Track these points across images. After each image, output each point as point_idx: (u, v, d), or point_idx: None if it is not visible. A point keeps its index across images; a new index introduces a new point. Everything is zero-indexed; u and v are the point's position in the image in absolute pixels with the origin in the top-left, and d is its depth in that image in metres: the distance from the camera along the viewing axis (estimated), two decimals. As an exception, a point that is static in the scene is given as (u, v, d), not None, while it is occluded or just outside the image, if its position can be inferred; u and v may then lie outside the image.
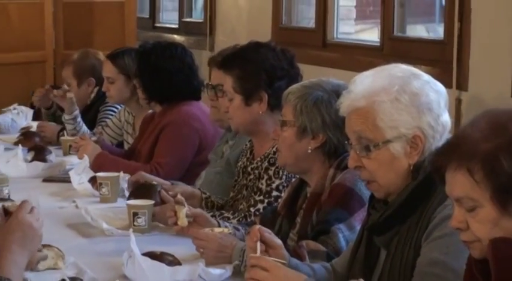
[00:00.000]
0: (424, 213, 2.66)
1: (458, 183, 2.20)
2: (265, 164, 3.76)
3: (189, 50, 5.15)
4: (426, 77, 2.77)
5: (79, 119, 5.58)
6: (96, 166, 4.53)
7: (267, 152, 3.80)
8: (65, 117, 5.58)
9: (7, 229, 2.66)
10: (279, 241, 2.87)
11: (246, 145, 4.07)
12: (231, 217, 3.73)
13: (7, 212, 2.73)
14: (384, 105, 2.69)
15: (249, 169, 3.91)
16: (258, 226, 2.85)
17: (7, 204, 2.79)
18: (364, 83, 2.75)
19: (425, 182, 2.67)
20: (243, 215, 3.71)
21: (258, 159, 3.87)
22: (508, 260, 2.18)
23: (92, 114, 5.84)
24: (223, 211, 3.84)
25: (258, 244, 2.74)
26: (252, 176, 3.86)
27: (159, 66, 4.80)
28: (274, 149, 3.69)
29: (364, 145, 2.73)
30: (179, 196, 3.55)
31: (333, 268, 2.97)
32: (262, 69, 3.85)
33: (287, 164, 3.40)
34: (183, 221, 3.42)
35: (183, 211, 3.43)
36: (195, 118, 4.70)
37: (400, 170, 2.72)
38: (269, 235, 2.86)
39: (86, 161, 4.58)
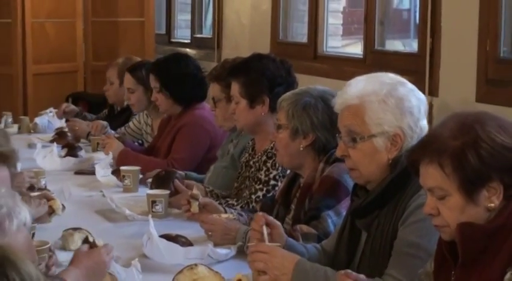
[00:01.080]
0: (400, 201, 2.67)
1: (431, 175, 2.22)
2: (264, 157, 3.76)
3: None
4: (410, 85, 2.79)
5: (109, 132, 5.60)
6: (120, 160, 4.54)
7: (266, 148, 3.80)
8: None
9: (88, 255, 2.71)
10: (278, 222, 2.93)
11: (249, 143, 4.08)
12: (235, 204, 3.75)
13: (92, 244, 2.82)
14: (372, 105, 2.70)
15: (251, 162, 3.92)
16: (261, 213, 2.89)
17: (95, 239, 2.86)
18: (358, 86, 2.77)
19: (402, 174, 2.68)
20: (245, 201, 3.72)
21: (259, 154, 3.87)
22: (472, 241, 2.20)
23: (126, 115, 5.82)
24: (228, 199, 3.85)
25: (264, 227, 2.78)
26: (253, 169, 3.87)
27: (181, 74, 4.81)
28: (272, 144, 3.70)
29: (351, 137, 2.74)
30: (195, 190, 3.57)
31: (323, 248, 2.98)
32: (264, 76, 3.86)
33: (284, 161, 3.41)
34: (195, 209, 3.44)
35: (196, 203, 3.46)
36: (207, 121, 4.71)
37: (380, 163, 2.72)
38: (270, 217, 2.92)
39: (110, 157, 4.63)
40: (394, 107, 2.71)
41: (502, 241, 2.17)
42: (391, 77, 2.82)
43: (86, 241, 2.85)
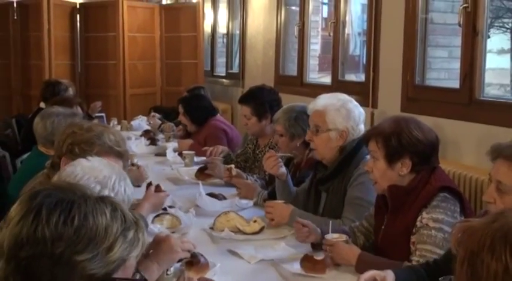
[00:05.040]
0: (347, 173, 2.73)
1: (371, 146, 2.32)
2: (267, 148, 3.77)
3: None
4: (355, 102, 2.85)
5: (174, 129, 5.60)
6: (190, 148, 4.49)
7: (266, 142, 3.86)
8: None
9: (155, 195, 2.76)
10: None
11: (251, 138, 4.08)
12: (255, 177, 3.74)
13: (158, 188, 2.81)
14: (331, 112, 2.76)
15: (257, 151, 3.92)
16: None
17: (159, 185, 2.86)
18: (324, 100, 2.82)
19: (347, 157, 2.75)
20: (263, 175, 3.72)
21: (262, 146, 3.89)
22: (397, 196, 2.25)
23: None
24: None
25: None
26: (260, 156, 3.86)
27: (201, 105, 4.86)
28: (270, 140, 3.75)
29: (316, 129, 2.79)
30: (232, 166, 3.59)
31: (297, 192, 3.05)
32: (266, 101, 3.88)
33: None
34: (234, 172, 3.50)
35: (234, 169, 3.53)
36: (222, 127, 4.72)
37: (331, 147, 2.77)
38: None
39: (175, 145, 4.75)
40: (343, 115, 2.75)
41: (415, 197, 2.21)
42: (344, 96, 2.87)
43: (149, 184, 2.82)
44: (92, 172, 1.66)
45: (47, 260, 1.04)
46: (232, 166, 3.60)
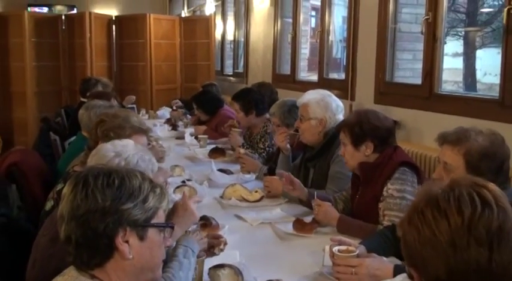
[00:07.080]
0: (330, 152, 2.72)
1: (341, 135, 2.31)
2: (259, 136, 3.76)
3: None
4: (335, 97, 2.84)
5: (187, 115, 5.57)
6: (204, 133, 4.47)
7: (257, 131, 3.81)
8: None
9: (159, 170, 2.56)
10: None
11: (246, 129, 4.02)
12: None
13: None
14: (312, 104, 2.75)
15: (251, 138, 3.89)
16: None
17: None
18: (309, 95, 2.82)
19: (329, 140, 2.74)
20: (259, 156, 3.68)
21: (254, 134, 3.84)
22: (366, 171, 2.25)
23: None
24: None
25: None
26: (254, 141, 3.83)
27: (209, 99, 4.83)
28: (262, 129, 3.71)
29: (300, 118, 2.80)
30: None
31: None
32: (252, 100, 3.82)
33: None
34: (241, 152, 3.46)
35: (242, 150, 3.52)
36: (229, 116, 4.64)
37: (313, 133, 2.76)
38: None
39: (192, 130, 4.67)
40: (322, 107, 2.74)
41: (380, 171, 2.21)
42: (325, 91, 2.85)
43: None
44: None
45: (100, 212, 1.12)
46: (242, 150, 3.59)
